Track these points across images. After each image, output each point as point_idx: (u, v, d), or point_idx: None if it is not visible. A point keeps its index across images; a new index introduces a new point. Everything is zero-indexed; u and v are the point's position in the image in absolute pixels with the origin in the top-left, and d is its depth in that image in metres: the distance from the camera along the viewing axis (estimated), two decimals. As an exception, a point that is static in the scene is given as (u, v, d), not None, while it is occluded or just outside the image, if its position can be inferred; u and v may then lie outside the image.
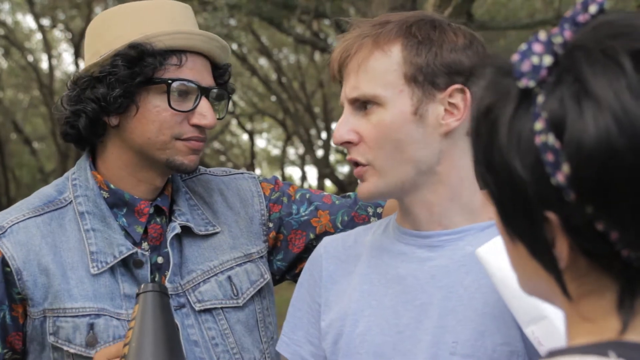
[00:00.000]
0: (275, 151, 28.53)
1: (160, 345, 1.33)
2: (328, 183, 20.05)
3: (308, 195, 1.76)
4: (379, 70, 1.29)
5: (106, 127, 1.59)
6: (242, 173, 1.81)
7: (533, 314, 1.13)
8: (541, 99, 0.69)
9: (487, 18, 11.00)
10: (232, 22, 11.84)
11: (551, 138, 0.67)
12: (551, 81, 0.69)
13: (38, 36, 20.31)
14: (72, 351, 1.52)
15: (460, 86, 1.27)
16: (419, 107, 1.28)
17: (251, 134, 22.74)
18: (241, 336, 1.64)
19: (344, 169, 21.96)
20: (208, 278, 1.63)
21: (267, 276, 1.70)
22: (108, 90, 1.53)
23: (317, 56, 15.74)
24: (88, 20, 16.40)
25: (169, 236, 1.59)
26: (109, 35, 1.57)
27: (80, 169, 1.64)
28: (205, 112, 1.57)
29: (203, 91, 1.57)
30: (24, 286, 1.52)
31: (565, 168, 0.67)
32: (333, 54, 1.35)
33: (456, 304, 1.28)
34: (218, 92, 1.63)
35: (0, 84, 20.07)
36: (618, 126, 0.64)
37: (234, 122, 21.73)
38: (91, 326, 1.52)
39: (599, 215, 0.67)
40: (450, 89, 1.27)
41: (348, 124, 1.32)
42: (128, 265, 1.57)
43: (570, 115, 0.67)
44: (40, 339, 1.55)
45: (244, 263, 1.67)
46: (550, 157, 0.68)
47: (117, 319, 1.54)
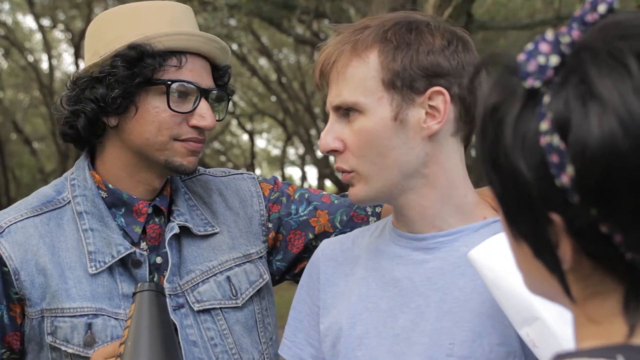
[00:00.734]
0: (275, 151, 28.57)
1: (156, 344, 1.33)
2: (328, 183, 20.07)
3: (307, 195, 1.76)
4: (358, 77, 1.28)
5: (105, 128, 1.59)
6: (242, 173, 1.81)
7: (525, 315, 1.13)
8: (547, 99, 0.68)
9: (487, 18, 11.01)
10: (232, 23, 11.84)
11: (556, 139, 0.67)
12: (557, 81, 0.68)
13: (38, 36, 20.33)
14: (70, 351, 1.52)
15: (438, 88, 1.26)
16: (399, 113, 1.27)
17: (251, 134, 22.76)
18: (240, 337, 1.63)
19: (344, 169, 21.91)
20: (207, 278, 1.62)
21: (267, 277, 1.70)
22: (107, 90, 1.52)
23: (317, 56, 15.72)
24: (88, 20, 16.40)
25: (167, 236, 1.59)
26: (109, 35, 1.56)
27: (78, 169, 1.64)
28: (204, 114, 1.56)
29: (203, 92, 1.57)
30: (22, 286, 1.52)
31: (569, 170, 0.66)
32: (316, 63, 1.35)
33: (452, 306, 1.28)
34: (218, 94, 1.63)
35: (0, 84, 20.06)
36: (623, 128, 0.64)
37: (234, 123, 21.75)
38: (89, 326, 1.52)
39: (603, 217, 0.67)
40: (429, 92, 1.26)
41: (333, 132, 1.32)
42: (126, 265, 1.57)
43: (575, 116, 0.66)
44: (38, 339, 1.55)
45: (243, 263, 1.67)
46: (555, 159, 0.67)
47: (115, 319, 1.53)
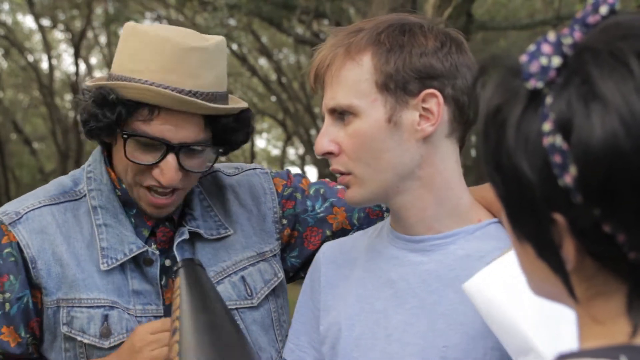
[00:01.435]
0: (275, 151, 28.55)
1: (211, 309, 1.38)
2: (328, 183, 20.03)
3: (322, 190, 1.74)
4: (352, 80, 1.29)
5: None
6: (254, 169, 1.78)
7: (521, 346, 1.13)
8: (549, 100, 0.68)
9: (487, 18, 11.02)
10: (232, 23, 11.85)
11: (559, 139, 0.67)
12: (560, 82, 0.69)
13: (38, 36, 20.32)
14: (86, 341, 1.53)
15: (432, 91, 1.26)
16: (393, 115, 1.27)
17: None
18: (257, 336, 1.63)
19: (344, 169, 21.93)
20: (222, 279, 1.62)
21: (281, 275, 1.69)
22: (89, 118, 1.51)
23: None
24: (88, 20, 16.40)
25: (177, 241, 1.59)
26: (117, 53, 1.55)
27: (95, 162, 1.63)
28: (165, 170, 1.49)
29: (171, 148, 1.49)
30: (38, 275, 1.53)
31: (572, 170, 0.67)
32: (311, 66, 1.35)
33: (447, 308, 1.28)
34: (199, 147, 1.52)
35: (0, 84, 20.07)
36: (625, 128, 0.64)
37: (234, 123, 21.69)
38: (105, 317, 1.53)
39: (606, 217, 0.67)
40: (422, 94, 1.26)
41: (328, 135, 1.32)
42: (138, 262, 1.57)
43: (577, 117, 0.66)
44: (52, 329, 1.55)
45: (257, 262, 1.66)
46: (557, 159, 0.67)
47: (128, 314, 1.54)
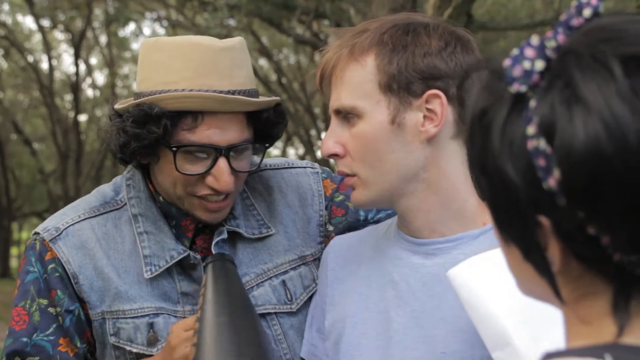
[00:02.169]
0: (275, 151, 28.52)
1: (233, 302, 1.39)
2: (328, 183, 20.03)
3: None
4: (356, 81, 1.28)
5: None
6: (305, 167, 1.74)
7: (498, 340, 1.13)
8: (533, 104, 0.69)
9: (487, 18, 11.01)
10: (232, 23, 11.85)
11: (542, 143, 0.68)
12: (543, 86, 0.69)
13: (38, 37, 20.32)
14: (135, 350, 1.54)
15: (435, 91, 1.26)
16: (397, 116, 1.27)
17: (251, 135, 22.69)
18: (294, 341, 1.60)
19: (344, 170, 21.92)
20: (262, 282, 1.60)
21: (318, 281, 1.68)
22: (127, 140, 1.47)
23: (318, 57, 15.74)
24: (88, 20, 16.41)
25: (215, 240, 1.57)
26: (143, 72, 1.52)
27: (133, 169, 1.61)
28: (219, 176, 1.47)
29: (220, 152, 1.46)
30: (81, 289, 1.54)
31: (556, 173, 0.67)
32: (317, 67, 1.35)
33: (447, 314, 1.28)
34: (246, 146, 1.51)
35: (0, 85, 20.08)
36: (607, 132, 0.64)
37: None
38: (151, 325, 1.54)
39: (590, 219, 0.67)
40: (426, 95, 1.26)
41: (334, 136, 1.32)
42: (183, 265, 1.56)
43: (560, 120, 0.67)
44: (101, 339, 1.57)
45: (298, 266, 1.64)
46: (541, 162, 0.68)
47: (175, 317, 1.54)
